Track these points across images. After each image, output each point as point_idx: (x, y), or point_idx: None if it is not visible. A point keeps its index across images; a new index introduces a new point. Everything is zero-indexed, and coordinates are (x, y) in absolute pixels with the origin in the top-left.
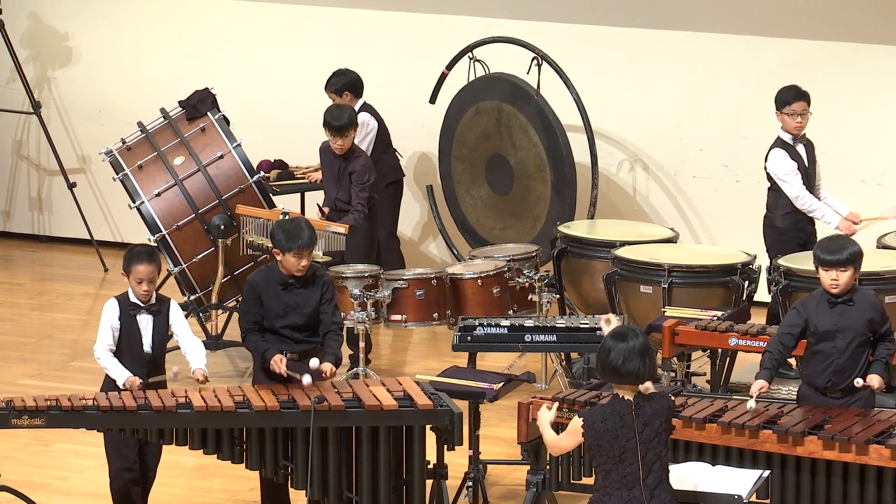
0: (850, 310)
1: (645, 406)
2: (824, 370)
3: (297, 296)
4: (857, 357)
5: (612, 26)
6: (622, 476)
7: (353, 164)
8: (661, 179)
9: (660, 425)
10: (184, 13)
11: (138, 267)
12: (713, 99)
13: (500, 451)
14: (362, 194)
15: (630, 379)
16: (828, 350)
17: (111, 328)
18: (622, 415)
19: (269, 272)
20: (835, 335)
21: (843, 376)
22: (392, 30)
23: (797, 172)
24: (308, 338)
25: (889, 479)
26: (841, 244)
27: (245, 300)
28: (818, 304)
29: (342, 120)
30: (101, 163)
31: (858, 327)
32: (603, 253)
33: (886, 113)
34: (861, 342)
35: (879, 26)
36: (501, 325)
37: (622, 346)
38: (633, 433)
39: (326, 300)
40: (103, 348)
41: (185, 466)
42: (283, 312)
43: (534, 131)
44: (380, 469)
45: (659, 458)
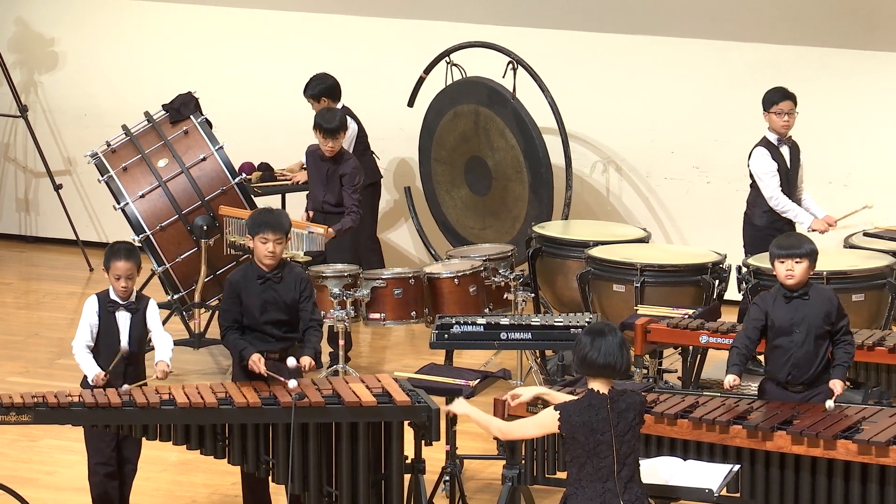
0: (806, 304)
1: (619, 400)
2: (784, 364)
3: (275, 291)
4: (816, 351)
5: (586, 31)
6: (596, 469)
7: (343, 167)
8: (633, 181)
9: (633, 419)
10: (167, 20)
11: (117, 263)
12: (684, 102)
13: (476, 446)
14: (355, 196)
15: (606, 372)
16: (786, 345)
17: (89, 325)
18: (598, 409)
19: (248, 270)
20: (792, 329)
21: (802, 370)
22: (371, 35)
23: (776, 174)
24: (287, 333)
25: (856, 473)
26: (798, 239)
27: (225, 299)
28: (775, 299)
29: (334, 122)
30: (87, 165)
31: (815, 321)
32: (577, 253)
33: (853, 116)
34: (818, 336)
35: (845, 31)
36: (478, 323)
37: (599, 341)
38: (609, 427)
39: (305, 297)
40: (80, 344)
41: (168, 461)
42: (263, 308)
43: (510, 134)
44: (359, 464)
45: (633, 451)
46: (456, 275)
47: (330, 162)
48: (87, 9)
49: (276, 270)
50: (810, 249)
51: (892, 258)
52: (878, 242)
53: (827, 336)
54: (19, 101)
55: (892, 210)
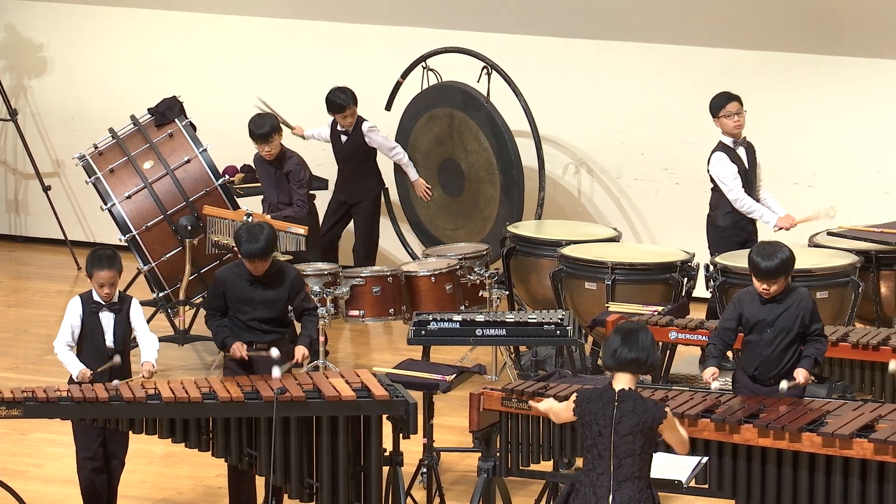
0: (781, 307)
1: (627, 401)
2: (753, 360)
3: (264, 292)
4: (785, 352)
5: (558, 37)
6: (594, 459)
7: (287, 165)
8: (604, 182)
9: (636, 424)
10: (152, 26)
11: (99, 273)
12: (653, 106)
13: (452, 439)
14: (301, 191)
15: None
16: (756, 341)
17: (71, 326)
18: (605, 402)
19: (237, 269)
20: (764, 328)
21: (769, 368)
22: (350, 40)
23: (737, 176)
24: (274, 328)
25: (820, 465)
26: (773, 252)
27: (210, 293)
28: (753, 297)
29: (265, 128)
30: (75, 167)
31: (786, 323)
32: (550, 252)
33: (816, 118)
34: (789, 338)
35: (809, 37)
36: (454, 319)
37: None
38: (610, 422)
39: (295, 293)
40: (61, 343)
41: (154, 454)
42: (251, 307)
43: (484, 137)
44: (339, 456)
45: (632, 454)
46: (433, 273)
47: (275, 164)
48: (75, 16)
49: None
50: (783, 262)
51: (855, 257)
52: (841, 242)
53: (798, 338)
54: (9, 105)
55: (855, 210)
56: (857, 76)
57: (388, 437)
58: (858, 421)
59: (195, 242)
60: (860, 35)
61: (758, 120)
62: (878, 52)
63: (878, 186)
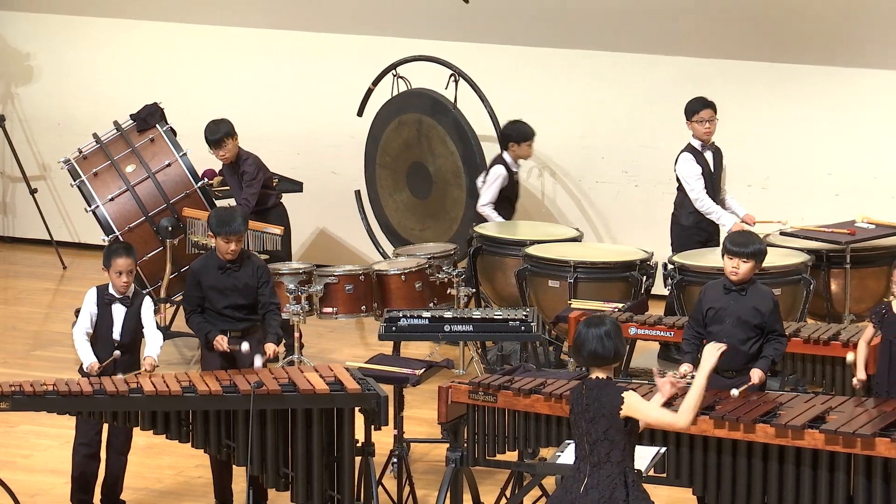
0: (741, 298)
1: (595, 390)
2: None
3: (235, 278)
4: (744, 342)
5: (523, 46)
6: (578, 447)
7: (242, 166)
8: (567, 184)
9: (597, 410)
10: (134, 36)
11: (117, 260)
12: (614, 111)
13: (422, 430)
14: (249, 190)
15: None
16: (717, 332)
17: (90, 314)
18: (580, 392)
19: (208, 259)
20: (723, 318)
21: (731, 358)
22: (323, 49)
23: (700, 177)
24: (247, 315)
25: (774, 455)
26: (749, 238)
27: (188, 286)
28: (715, 289)
29: (218, 134)
30: (60, 170)
31: (744, 313)
32: (515, 251)
33: (770, 123)
34: (746, 328)
35: (763, 46)
36: (423, 316)
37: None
38: (582, 411)
39: (263, 283)
40: (80, 331)
41: (137, 446)
42: (223, 293)
43: (451, 141)
44: (313, 447)
45: (599, 440)
46: (403, 272)
47: (234, 167)
48: (61, 27)
49: (236, 261)
50: (757, 250)
51: (806, 256)
52: (793, 241)
53: (756, 330)
54: None
55: (806, 211)
56: (810, 84)
57: (360, 429)
58: (810, 413)
59: (175, 243)
60: (812, 44)
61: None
62: (830, 60)
63: (828, 188)
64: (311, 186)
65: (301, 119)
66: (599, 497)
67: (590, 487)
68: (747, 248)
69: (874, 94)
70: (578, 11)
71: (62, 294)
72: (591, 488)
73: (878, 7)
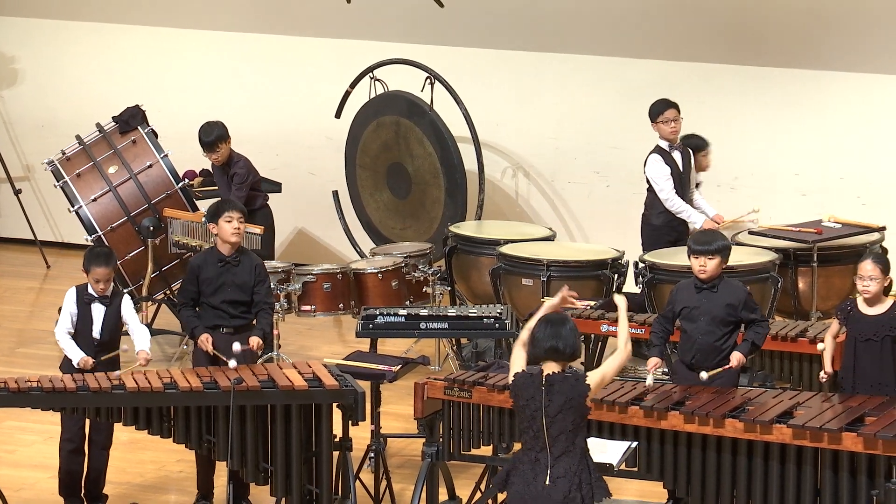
0: (713, 295)
1: (555, 383)
2: (690, 349)
3: (233, 274)
4: (718, 340)
5: (497, 49)
6: (531, 440)
7: (233, 168)
8: (540, 184)
9: (564, 403)
10: (116, 40)
11: (97, 269)
12: (586, 113)
13: (398, 425)
14: (238, 193)
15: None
16: (691, 331)
17: (70, 313)
18: (536, 386)
19: (208, 254)
20: (697, 317)
21: (705, 356)
22: (302, 53)
23: (670, 178)
24: (242, 314)
25: (743, 449)
26: (712, 236)
27: (185, 279)
28: (687, 288)
29: (211, 136)
30: (44, 171)
31: (718, 311)
32: (489, 250)
33: (738, 125)
34: (721, 326)
35: (731, 49)
36: (399, 314)
37: (542, 324)
38: (540, 404)
39: (259, 281)
40: (62, 331)
41: (119, 441)
42: (221, 288)
43: (428, 142)
44: (292, 442)
45: (564, 431)
46: (379, 270)
47: (225, 168)
48: (45, 31)
49: (235, 255)
50: (722, 246)
51: (774, 254)
52: (761, 240)
53: (730, 326)
54: None
55: (774, 210)
56: (777, 86)
57: (338, 424)
58: (778, 408)
59: (157, 242)
60: (779, 48)
61: (684, 126)
62: (796, 63)
63: (795, 188)
64: (290, 187)
65: (280, 121)
66: (570, 485)
67: (557, 477)
68: (711, 245)
69: (840, 97)
70: (551, 16)
71: (46, 293)
72: (558, 478)
73: (842, 11)
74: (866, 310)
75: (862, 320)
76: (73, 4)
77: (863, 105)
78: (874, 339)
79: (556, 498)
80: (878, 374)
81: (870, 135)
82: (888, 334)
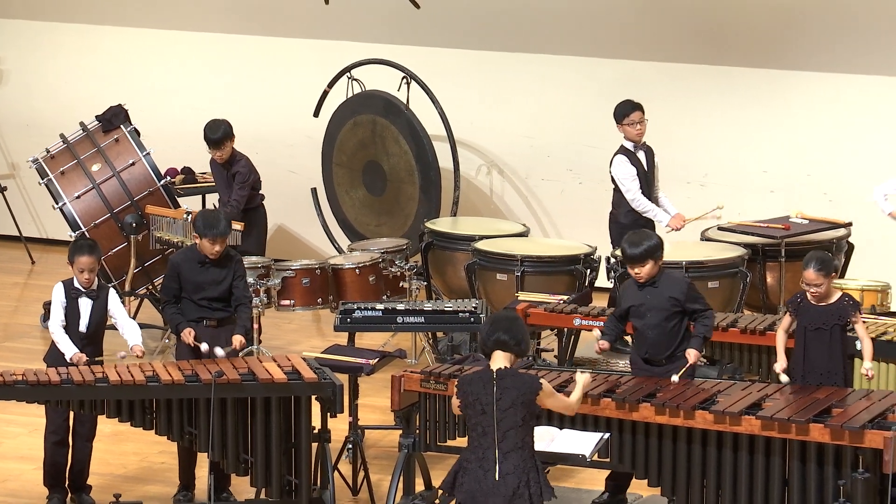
0: (656, 291)
1: (507, 378)
2: (642, 343)
3: (213, 273)
4: (669, 332)
5: (472, 49)
6: (480, 437)
7: (235, 167)
8: (514, 182)
9: (517, 397)
10: (99, 41)
11: (81, 258)
12: (559, 112)
13: (375, 417)
14: (241, 192)
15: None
16: (640, 326)
17: (61, 306)
18: (485, 382)
19: (189, 252)
20: (644, 313)
21: (658, 348)
22: (281, 53)
23: (636, 178)
24: (224, 307)
25: (712, 440)
26: (638, 240)
27: (166, 276)
28: (631, 287)
29: (218, 133)
30: (29, 169)
31: (662, 305)
32: (464, 246)
33: (707, 123)
34: (668, 318)
35: (699, 49)
36: (376, 308)
37: (492, 320)
38: (492, 399)
39: (238, 276)
40: (56, 324)
41: (102, 433)
42: (201, 287)
43: (404, 140)
44: (272, 434)
45: (514, 426)
46: (357, 266)
47: (226, 166)
48: (29, 32)
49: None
50: (647, 250)
51: (743, 250)
52: (730, 236)
53: (677, 317)
54: None
55: (742, 207)
56: (744, 85)
57: (316, 416)
58: (747, 400)
59: (139, 238)
60: (747, 48)
61: (653, 124)
62: (762, 62)
63: (763, 185)
64: (270, 185)
65: (260, 120)
66: (518, 481)
67: (506, 473)
68: (637, 250)
69: (806, 96)
70: (524, 17)
71: (31, 288)
72: (507, 474)
73: (808, 13)
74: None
75: (811, 311)
76: (58, 7)
77: (829, 104)
78: (823, 328)
79: (506, 493)
80: (827, 363)
81: (836, 133)
82: (837, 323)
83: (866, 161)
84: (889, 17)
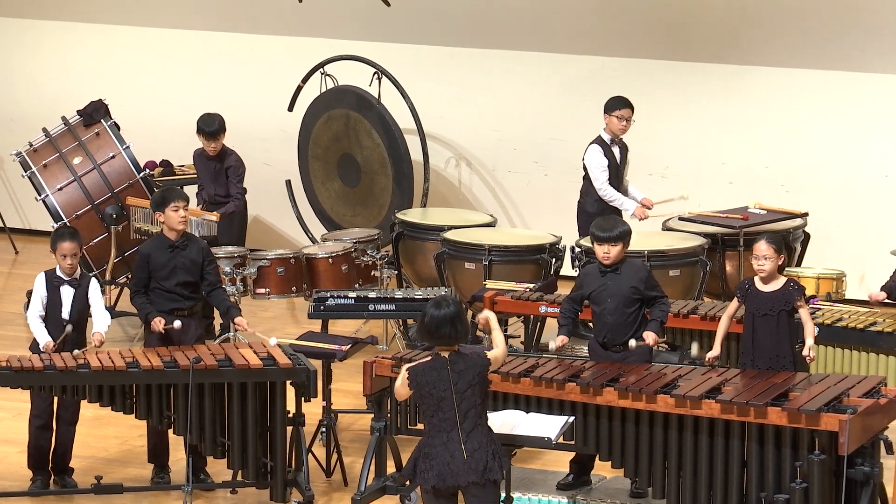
0: (617, 277)
1: (459, 362)
2: (601, 329)
3: (182, 257)
4: (627, 318)
5: (441, 46)
6: (441, 421)
7: (228, 161)
8: (481, 174)
9: (473, 378)
10: (80, 37)
11: (63, 244)
12: (525, 106)
13: (348, 402)
14: (239, 185)
15: (443, 341)
16: (600, 312)
17: (40, 297)
18: (439, 370)
19: (157, 241)
20: (605, 299)
21: (616, 334)
22: (257, 49)
23: (606, 169)
24: (192, 294)
25: (674, 423)
26: (613, 223)
27: (136, 267)
28: (593, 272)
29: (214, 126)
30: (12, 163)
31: (623, 292)
32: (434, 236)
33: (669, 116)
34: (628, 305)
35: (661, 45)
36: (349, 296)
37: (436, 313)
38: (449, 385)
39: (209, 261)
40: (34, 314)
41: (84, 417)
42: (172, 272)
43: (376, 134)
44: (248, 418)
45: (473, 406)
46: (330, 255)
47: (216, 160)
48: (11, 29)
49: (182, 239)
50: (622, 232)
51: (703, 239)
52: (691, 226)
53: (636, 304)
54: None
55: (703, 198)
56: (704, 79)
57: (291, 401)
58: (707, 384)
59: (120, 229)
60: (705, 44)
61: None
62: (722, 58)
63: (723, 177)
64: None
65: (236, 114)
66: (486, 455)
67: (473, 450)
68: (613, 231)
69: (763, 90)
70: (492, 14)
71: (15, 277)
72: (475, 450)
73: (763, 9)
74: (763, 287)
75: (759, 297)
76: (40, 4)
77: (784, 98)
78: (770, 313)
79: (477, 468)
80: (775, 347)
81: (792, 126)
82: (783, 309)
83: (822, 153)
84: (838, 13)
